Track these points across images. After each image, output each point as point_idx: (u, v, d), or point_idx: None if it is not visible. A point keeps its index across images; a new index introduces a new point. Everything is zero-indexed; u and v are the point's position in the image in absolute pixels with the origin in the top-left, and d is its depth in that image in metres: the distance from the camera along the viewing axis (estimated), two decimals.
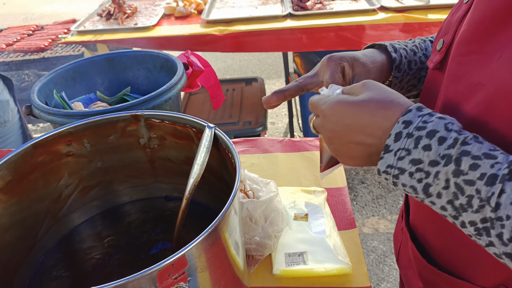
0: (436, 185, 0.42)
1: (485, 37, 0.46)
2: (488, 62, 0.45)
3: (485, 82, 0.45)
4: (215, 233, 0.50)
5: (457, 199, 0.41)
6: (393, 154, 0.44)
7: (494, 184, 0.38)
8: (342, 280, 0.78)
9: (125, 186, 0.78)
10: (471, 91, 0.47)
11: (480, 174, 0.39)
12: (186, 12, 2.10)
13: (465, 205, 0.40)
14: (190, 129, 0.68)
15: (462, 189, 0.40)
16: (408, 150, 0.43)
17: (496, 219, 0.38)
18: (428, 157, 0.41)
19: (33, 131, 3.24)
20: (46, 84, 0.90)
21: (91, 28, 2.03)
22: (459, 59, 0.50)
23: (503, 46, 0.43)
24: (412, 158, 0.42)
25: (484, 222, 0.39)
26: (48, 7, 5.84)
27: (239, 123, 2.09)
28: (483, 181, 0.39)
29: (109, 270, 0.68)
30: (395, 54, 0.64)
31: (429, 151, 0.41)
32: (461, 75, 0.49)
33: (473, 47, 0.47)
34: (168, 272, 0.45)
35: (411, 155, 0.42)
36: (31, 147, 0.65)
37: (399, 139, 0.43)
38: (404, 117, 0.44)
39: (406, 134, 0.43)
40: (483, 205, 0.39)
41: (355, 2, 2.03)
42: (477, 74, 0.46)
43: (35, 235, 0.69)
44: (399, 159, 0.43)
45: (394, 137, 0.43)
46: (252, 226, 0.77)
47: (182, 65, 0.90)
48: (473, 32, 0.47)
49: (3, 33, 2.53)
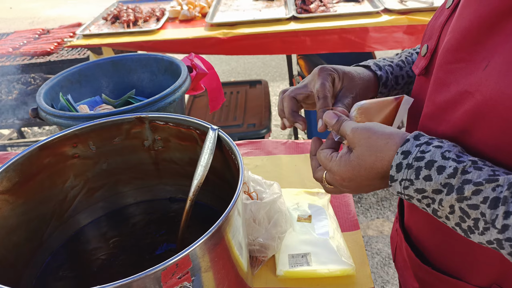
0: (442, 210, 0.44)
1: (472, 45, 0.46)
2: (475, 70, 0.45)
3: (472, 91, 0.45)
4: (218, 233, 0.50)
5: (464, 222, 0.43)
6: (398, 184, 0.46)
7: (497, 207, 0.39)
8: (346, 281, 0.78)
9: (129, 187, 0.79)
10: (459, 99, 0.47)
11: (483, 198, 0.40)
12: (190, 15, 2.11)
13: (472, 227, 0.42)
14: (194, 131, 0.69)
15: (467, 213, 0.42)
16: (411, 181, 0.45)
17: (505, 240, 0.39)
18: (430, 186, 0.44)
19: (39, 134, 3.27)
20: (52, 87, 0.91)
21: (96, 31, 2.05)
22: (446, 67, 0.49)
23: (490, 55, 0.44)
24: (416, 188, 0.45)
25: (491, 243, 0.41)
26: (53, 11, 5.89)
27: (243, 126, 2.09)
28: (487, 204, 0.40)
29: (114, 271, 0.69)
30: (380, 71, 0.67)
31: (430, 181, 0.44)
32: (449, 83, 0.49)
33: (461, 55, 0.47)
34: (172, 272, 0.45)
35: (414, 185, 0.45)
36: (37, 149, 0.66)
37: (401, 170, 0.46)
38: (403, 148, 0.46)
39: (406, 165, 0.45)
40: (488, 228, 0.40)
41: (358, 4, 2.04)
42: (464, 82, 0.46)
43: (41, 236, 0.70)
44: (405, 188, 0.46)
45: (396, 168, 0.46)
46: (255, 227, 0.77)
47: (186, 68, 0.91)
48: (460, 40, 0.48)
49: (10, 37, 2.56)
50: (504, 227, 0.39)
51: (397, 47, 1.89)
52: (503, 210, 0.39)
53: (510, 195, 0.39)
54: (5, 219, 0.62)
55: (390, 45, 1.87)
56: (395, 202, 2.29)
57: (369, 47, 1.88)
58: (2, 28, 5.52)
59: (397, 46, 1.88)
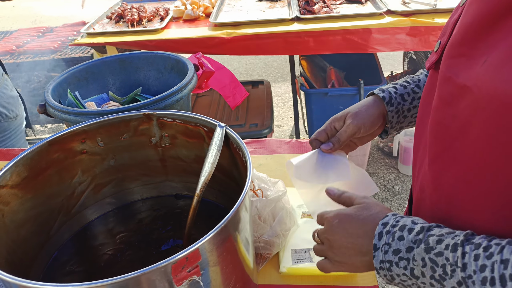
0: (417, 266, 0.50)
1: (473, 40, 0.48)
2: (475, 65, 0.46)
3: (470, 85, 0.47)
4: (227, 228, 0.51)
5: (435, 272, 0.48)
6: (380, 250, 0.53)
7: (456, 250, 0.46)
8: (349, 279, 0.78)
9: (136, 184, 0.79)
10: (459, 92, 0.49)
11: (445, 245, 0.48)
12: (194, 15, 2.12)
13: (443, 275, 0.47)
14: (201, 128, 0.70)
15: (436, 261, 0.48)
16: (389, 244, 0.52)
17: (467, 278, 0.45)
18: (404, 245, 0.51)
19: (41, 132, 3.27)
20: (60, 84, 0.92)
21: (100, 30, 2.05)
22: (449, 61, 0.51)
23: (489, 51, 0.45)
24: (393, 249, 0.52)
25: (460, 284, 0.46)
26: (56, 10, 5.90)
27: (245, 125, 2.10)
28: (449, 249, 0.47)
29: (122, 266, 0.70)
30: (383, 93, 0.75)
31: (403, 240, 0.51)
32: (449, 76, 0.51)
33: (462, 50, 0.49)
34: (182, 265, 0.46)
35: (391, 247, 0.52)
36: (46, 144, 0.66)
37: (382, 237, 0.53)
38: (383, 220, 0.55)
39: (385, 232, 0.53)
40: (454, 269, 0.46)
41: (361, 5, 2.05)
42: (463, 76, 0.48)
43: (49, 231, 0.71)
44: (385, 253, 0.53)
45: (378, 237, 0.54)
46: (261, 224, 0.78)
47: (193, 66, 0.92)
48: (463, 35, 0.49)
49: (14, 35, 2.57)
50: (464, 266, 0.45)
51: (399, 49, 1.89)
52: (461, 251, 0.46)
53: (465, 239, 0.47)
54: (14, 213, 0.63)
55: (393, 46, 1.87)
56: (396, 203, 2.29)
57: (372, 48, 1.89)
58: (4, 26, 5.53)
59: (400, 48, 1.89)
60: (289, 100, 3.38)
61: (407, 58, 2.73)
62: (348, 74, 2.41)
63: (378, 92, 0.76)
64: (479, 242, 0.45)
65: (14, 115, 1.49)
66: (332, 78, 2.31)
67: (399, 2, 1.98)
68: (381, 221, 0.55)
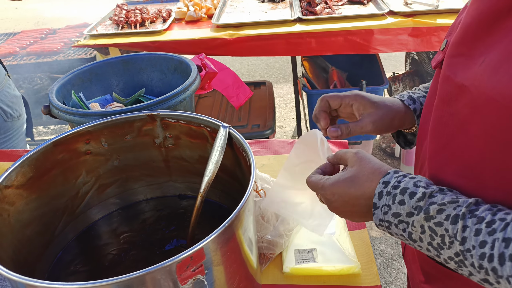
0: (415, 232, 0.49)
1: (472, 40, 0.48)
2: (473, 65, 0.47)
3: (468, 84, 0.47)
4: (230, 228, 0.51)
5: (433, 240, 0.48)
6: (380, 210, 0.52)
7: (456, 222, 0.46)
8: (353, 279, 0.79)
9: (140, 184, 0.80)
10: (457, 92, 0.49)
11: (445, 216, 0.47)
12: (197, 17, 2.12)
13: (441, 244, 0.47)
14: (205, 128, 0.70)
15: (435, 230, 0.47)
16: (389, 206, 0.51)
17: (466, 251, 0.44)
18: (404, 210, 0.50)
19: (44, 133, 3.29)
20: (64, 85, 0.92)
21: (103, 31, 2.06)
22: (448, 61, 0.52)
23: (487, 51, 0.45)
24: (393, 212, 0.51)
25: (457, 255, 0.46)
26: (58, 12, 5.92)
27: (247, 126, 2.10)
28: (449, 221, 0.46)
29: (126, 266, 0.70)
30: (414, 105, 0.72)
31: (403, 205, 0.50)
32: (448, 76, 0.51)
33: (461, 50, 0.50)
34: (187, 264, 0.46)
35: (391, 210, 0.51)
36: (51, 145, 0.67)
37: (382, 197, 0.52)
38: (384, 179, 0.53)
39: (386, 192, 0.52)
40: (452, 241, 0.46)
41: (363, 6, 2.05)
42: (460, 75, 0.49)
43: (53, 231, 0.71)
44: (385, 214, 0.52)
45: (378, 196, 0.53)
46: (264, 224, 0.78)
47: (196, 67, 0.92)
48: (462, 35, 0.50)
49: (17, 37, 2.58)
50: (463, 240, 0.45)
51: (402, 49, 1.89)
52: (461, 225, 0.45)
53: (467, 212, 0.45)
54: (19, 213, 0.63)
55: (395, 47, 1.87)
56: None
57: (374, 49, 1.89)
58: (8, 28, 5.55)
59: (402, 49, 1.89)
60: (291, 101, 3.38)
61: (409, 59, 2.73)
62: (350, 75, 2.41)
63: (409, 103, 0.72)
64: (482, 216, 0.44)
65: (17, 114, 1.50)
66: (334, 79, 2.31)
67: (401, 3, 1.98)
68: (382, 179, 0.53)
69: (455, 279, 0.59)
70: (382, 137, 2.76)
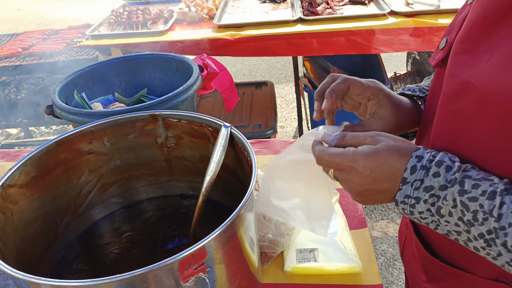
0: (446, 205, 0.47)
1: (478, 37, 0.48)
2: (479, 61, 0.47)
3: (474, 81, 0.47)
4: (232, 227, 0.52)
5: (464, 215, 0.46)
6: (410, 185, 0.49)
7: (494, 198, 0.44)
8: (354, 278, 0.79)
9: (142, 183, 0.80)
10: (463, 89, 0.49)
11: (481, 191, 0.45)
12: (198, 17, 2.13)
13: (472, 220, 0.45)
14: (207, 128, 0.71)
15: (467, 206, 0.46)
16: (422, 180, 0.48)
17: (500, 229, 0.43)
18: (438, 182, 0.48)
19: (46, 133, 3.30)
20: (66, 85, 0.93)
21: (105, 32, 2.07)
22: (453, 58, 0.52)
23: (493, 47, 0.45)
24: (425, 186, 0.48)
25: (489, 233, 0.44)
26: (60, 13, 5.94)
27: (249, 126, 2.11)
28: (485, 196, 0.45)
29: (128, 264, 0.70)
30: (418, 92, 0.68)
31: (438, 177, 0.48)
32: (453, 73, 0.51)
33: (467, 47, 0.50)
34: (189, 262, 0.47)
35: (424, 183, 0.48)
36: (54, 144, 0.67)
37: (415, 172, 0.49)
38: (416, 153, 0.50)
39: (420, 166, 0.49)
40: (487, 218, 0.44)
41: (365, 7, 2.05)
42: (466, 72, 0.49)
43: (56, 230, 0.72)
44: (415, 189, 0.49)
45: (410, 170, 0.49)
46: (265, 223, 0.79)
47: (198, 67, 0.92)
48: (468, 32, 0.50)
49: (20, 37, 2.59)
50: (499, 216, 0.43)
51: (403, 49, 1.89)
52: (499, 201, 0.43)
53: (504, 189, 0.44)
54: (22, 212, 0.64)
55: (396, 47, 1.88)
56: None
57: (375, 49, 1.89)
58: (10, 29, 5.58)
59: (403, 49, 1.89)
60: (292, 101, 3.38)
61: (411, 58, 2.73)
62: (352, 75, 2.40)
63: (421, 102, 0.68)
64: None
65: None
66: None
67: (403, 3, 1.98)
68: (415, 153, 0.50)
69: (459, 278, 0.59)
70: None
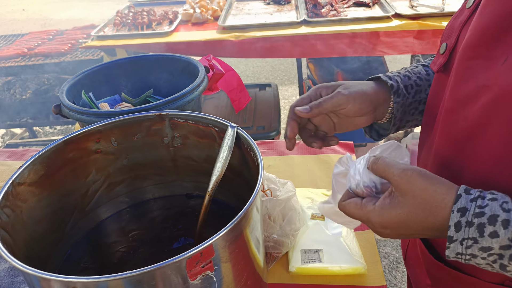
0: None
1: (491, 41, 0.49)
2: (494, 65, 0.47)
3: (490, 84, 0.47)
4: (239, 226, 0.52)
5: None
6: (459, 244, 0.44)
7: None
8: (358, 279, 0.79)
9: (148, 183, 0.81)
10: (477, 93, 0.49)
11: None
12: (203, 19, 2.14)
13: None
14: (213, 128, 0.71)
15: None
16: (474, 239, 0.43)
17: None
18: (498, 243, 0.42)
19: (51, 133, 3.32)
20: (74, 85, 0.94)
21: (110, 33, 2.08)
22: (466, 63, 0.52)
23: (508, 50, 0.46)
24: (481, 246, 0.43)
25: None
26: (65, 13, 5.97)
27: (253, 128, 2.11)
28: None
29: (134, 263, 0.71)
30: (391, 81, 0.68)
31: (497, 237, 0.42)
32: (468, 78, 0.51)
33: (479, 51, 0.50)
34: (196, 260, 0.47)
35: (479, 244, 0.43)
36: (62, 143, 0.68)
37: (460, 229, 0.43)
38: (457, 205, 0.44)
39: (465, 222, 0.43)
40: None
41: (369, 9, 2.06)
42: (482, 76, 0.49)
43: (64, 228, 0.72)
44: (467, 247, 0.44)
45: (455, 228, 0.44)
46: (270, 224, 0.79)
47: (204, 68, 0.93)
48: (480, 37, 0.50)
49: (25, 38, 2.61)
50: None
51: (407, 52, 1.90)
52: None
53: None
54: (31, 210, 0.65)
55: (400, 49, 1.88)
56: None
57: (379, 51, 1.90)
58: (15, 29, 5.61)
59: (408, 51, 1.89)
60: None
61: (415, 61, 2.73)
62: (356, 77, 2.42)
63: (386, 79, 0.68)
64: None
65: None
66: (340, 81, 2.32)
67: (407, 6, 1.99)
68: (455, 205, 0.44)
69: (464, 282, 0.59)
70: (387, 139, 2.75)
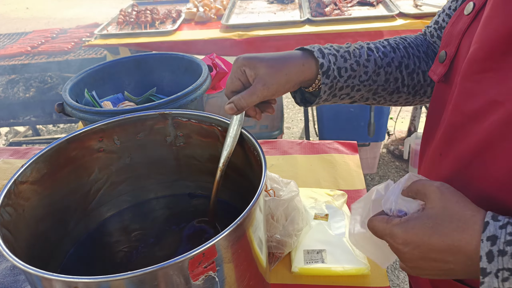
0: None
1: (501, 55, 0.47)
2: (506, 80, 0.46)
3: (502, 100, 0.46)
4: (242, 226, 0.52)
5: None
6: (494, 276, 0.41)
7: None
8: (361, 280, 0.79)
9: (151, 182, 0.81)
10: (488, 108, 0.48)
11: None
12: (206, 17, 2.14)
13: None
14: (216, 127, 0.71)
15: None
16: (511, 270, 0.41)
17: None
18: None
19: (54, 132, 3.32)
20: (77, 83, 0.94)
21: (114, 32, 2.08)
22: (473, 77, 0.50)
23: None
24: None
25: None
26: (69, 12, 5.98)
27: (255, 127, 2.11)
28: None
29: (137, 262, 0.71)
30: (323, 59, 0.63)
31: None
32: (477, 93, 0.49)
33: (488, 65, 0.48)
34: (199, 261, 0.47)
35: None
36: (65, 142, 0.68)
37: (493, 259, 0.41)
38: (486, 233, 0.42)
39: (497, 252, 0.41)
40: None
41: (373, 8, 2.05)
42: (493, 92, 0.47)
43: (66, 227, 0.72)
44: (504, 280, 0.41)
45: (487, 258, 0.41)
46: (273, 224, 0.79)
47: (207, 67, 0.93)
48: (488, 50, 0.48)
49: (29, 36, 2.62)
50: None
51: None
52: None
53: None
54: (34, 209, 0.64)
55: None
56: None
57: None
58: (19, 28, 5.62)
59: None
60: None
61: None
62: None
63: (318, 55, 0.62)
64: None
65: None
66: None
67: (411, 5, 1.98)
68: (484, 233, 0.42)
69: None
70: (390, 139, 2.74)
